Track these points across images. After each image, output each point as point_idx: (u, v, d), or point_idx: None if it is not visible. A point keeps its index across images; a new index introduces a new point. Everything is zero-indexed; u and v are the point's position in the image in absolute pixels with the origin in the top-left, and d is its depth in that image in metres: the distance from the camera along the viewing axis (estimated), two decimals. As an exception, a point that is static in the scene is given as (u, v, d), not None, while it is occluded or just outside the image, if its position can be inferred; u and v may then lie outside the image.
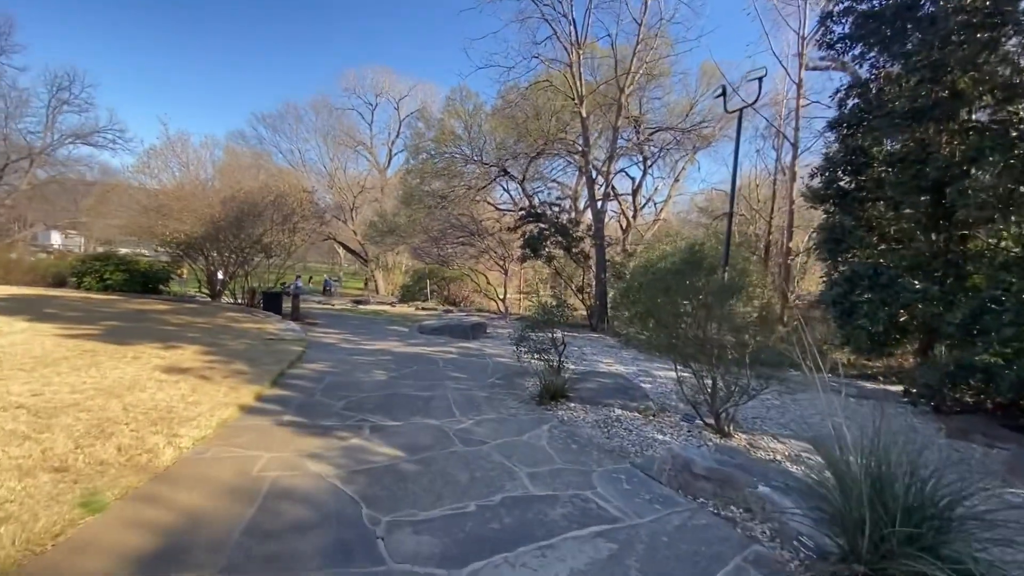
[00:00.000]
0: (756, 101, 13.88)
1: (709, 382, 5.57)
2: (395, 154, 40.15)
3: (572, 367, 8.77)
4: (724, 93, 13.15)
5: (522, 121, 20.09)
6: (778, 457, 4.99)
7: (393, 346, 10.30)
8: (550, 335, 8.10)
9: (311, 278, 36.08)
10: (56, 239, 41.11)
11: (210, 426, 4.65)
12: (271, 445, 4.36)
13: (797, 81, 16.29)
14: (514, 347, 8.49)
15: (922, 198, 8.86)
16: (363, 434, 4.84)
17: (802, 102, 16.51)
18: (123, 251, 18.57)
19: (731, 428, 5.53)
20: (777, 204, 26.65)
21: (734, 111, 13.39)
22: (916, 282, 8.57)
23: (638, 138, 23.19)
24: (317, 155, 37.54)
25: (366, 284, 39.22)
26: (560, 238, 14.28)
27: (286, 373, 7.16)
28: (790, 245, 16.38)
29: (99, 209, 19.15)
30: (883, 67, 9.69)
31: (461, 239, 18.64)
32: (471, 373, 8.10)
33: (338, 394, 6.23)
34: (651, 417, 5.99)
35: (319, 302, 26.15)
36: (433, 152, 21.79)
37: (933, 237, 9.17)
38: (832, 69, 19.41)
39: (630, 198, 26.96)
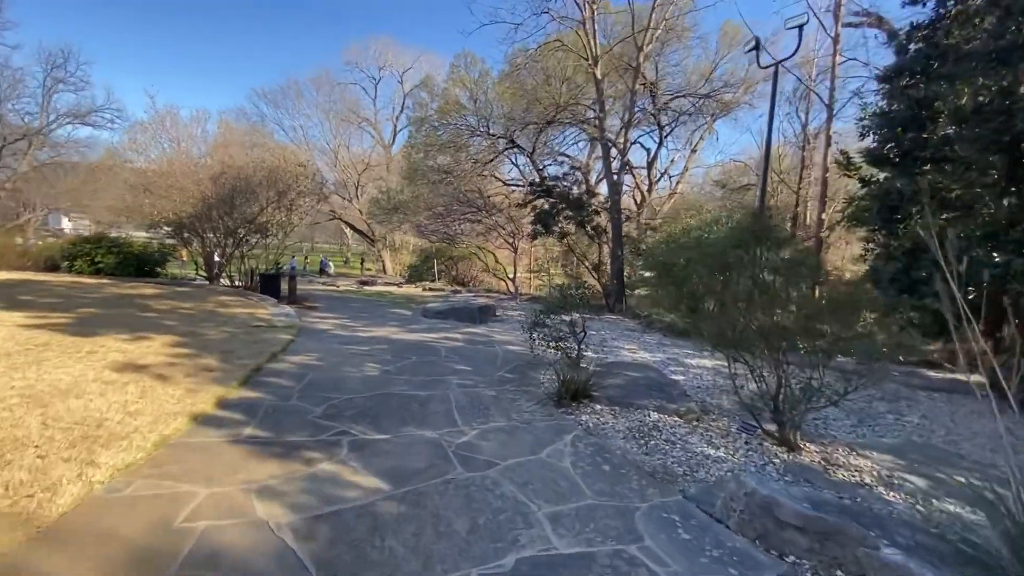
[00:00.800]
0: (796, 53, 12.44)
1: (772, 381, 4.45)
2: (400, 130, 38.76)
3: (592, 356, 7.71)
4: (757, 46, 11.72)
5: (531, 88, 18.71)
6: (865, 478, 3.89)
7: (392, 332, 9.27)
8: (568, 321, 7.01)
9: (307, 258, 34.99)
10: (66, 223, 40.52)
11: (144, 447, 3.65)
12: (215, 474, 3.35)
13: (834, 35, 14.69)
14: (526, 333, 7.46)
15: (997, 157, 7.54)
16: (339, 454, 3.81)
17: (838, 59, 14.93)
18: (115, 233, 17.63)
19: (797, 437, 4.43)
20: (804, 173, 25.05)
21: (769, 66, 12.00)
22: (995, 255, 7.32)
23: (654, 105, 21.65)
24: (320, 132, 36.31)
25: (362, 263, 38.27)
26: (574, 212, 13.06)
27: (263, 368, 6.16)
28: (823, 216, 15.01)
29: (84, 190, 18.22)
30: (955, 5, 8.26)
31: (468, 215, 17.46)
32: (477, 365, 7.05)
33: (319, 396, 5.21)
34: (695, 423, 4.90)
35: (324, 283, 25.27)
36: (437, 124, 20.47)
37: (1009, 202, 7.87)
38: (868, 26, 17.73)
39: (644, 171, 25.49)
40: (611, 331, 10.82)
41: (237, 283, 15.98)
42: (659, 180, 24.43)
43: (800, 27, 11.00)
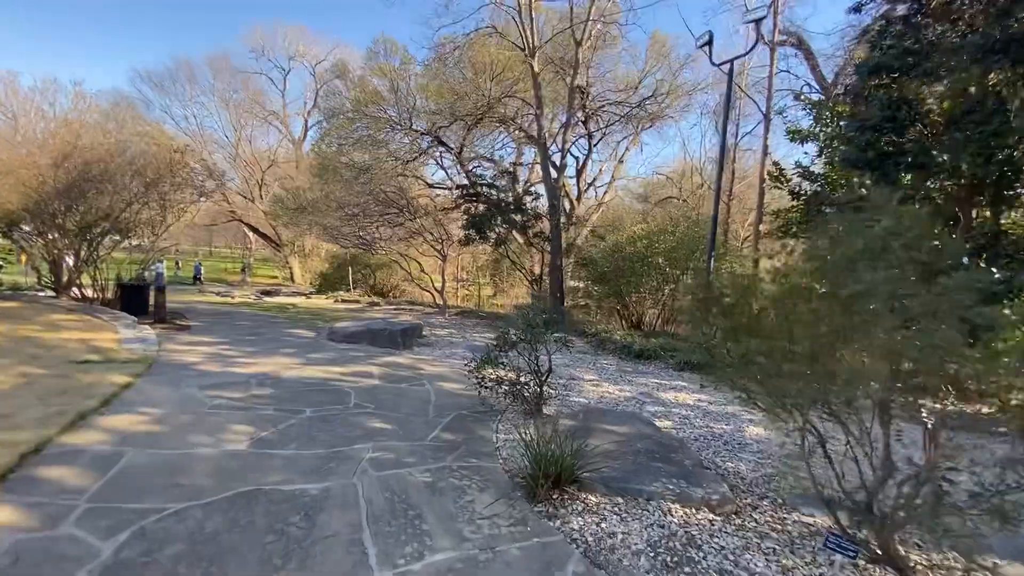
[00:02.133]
0: (755, 47, 11.54)
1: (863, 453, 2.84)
2: (311, 126, 35.18)
3: (553, 393, 5.93)
4: (711, 41, 10.63)
5: (460, 81, 16.80)
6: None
7: (284, 367, 6.92)
8: (530, 357, 5.20)
9: (178, 264, 30.10)
10: None
11: None
12: None
13: (771, 43, 14.25)
14: (466, 368, 5.57)
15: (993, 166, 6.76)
16: None
17: (774, 70, 14.51)
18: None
19: (898, 547, 2.86)
20: (726, 185, 25.17)
21: (724, 63, 10.99)
22: (994, 269, 6.47)
23: (584, 112, 20.58)
24: (217, 123, 31.96)
25: (243, 270, 34.28)
26: (515, 216, 11.34)
27: (49, 446, 3.73)
28: (761, 228, 14.46)
29: None
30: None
31: (388, 217, 15.15)
32: (402, 419, 4.99)
33: (125, 509, 2.95)
34: (748, 531, 3.20)
35: (219, 293, 21.62)
36: (352, 116, 17.93)
37: (998, 211, 7.16)
38: (789, 44, 17.76)
39: (573, 180, 24.47)
40: (561, 354, 9.12)
41: (93, 295, 12.52)
42: (587, 190, 23.41)
43: (758, 21, 10.10)
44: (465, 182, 19.37)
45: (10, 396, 4.69)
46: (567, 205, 23.37)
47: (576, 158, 21.82)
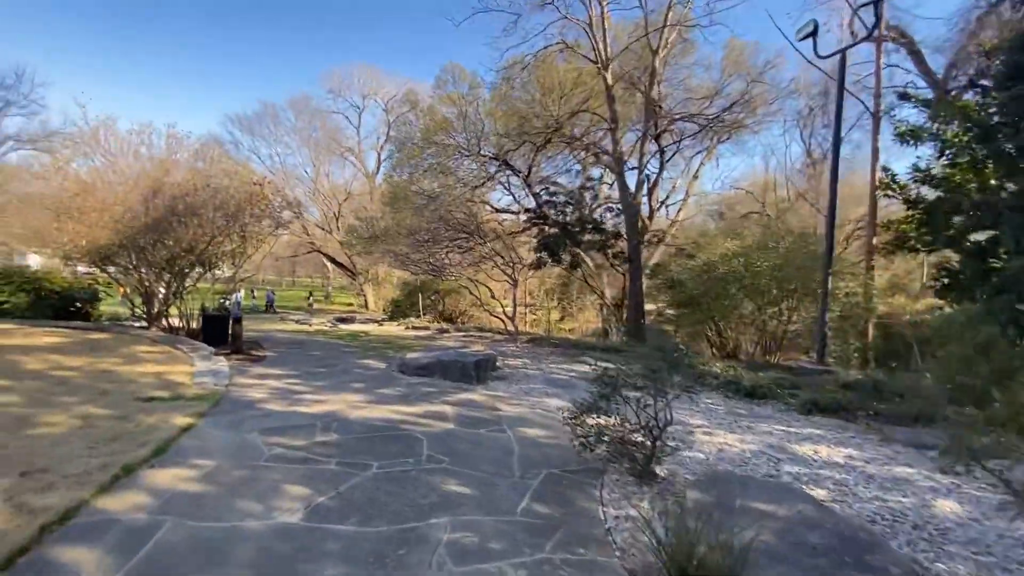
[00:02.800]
0: (872, 33, 10.15)
1: None
2: (384, 160, 36.29)
3: (672, 449, 4.80)
4: (815, 32, 9.30)
5: (527, 102, 16.28)
6: None
7: (351, 404, 6.27)
8: (644, 408, 4.18)
9: (253, 292, 31.12)
10: (34, 259, 36.70)
11: None
12: None
13: (877, 34, 12.55)
14: (562, 417, 4.62)
15: None
16: None
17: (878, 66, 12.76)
18: (33, 264, 14.45)
19: None
20: (816, 196, 22.91)
21: (833, 54, 9.62)
22: None
23: (656, 127, 19.41)
24: (298, 160, 33.66)
25: (309, 296, 35.09)
26: (592, 236, 10.37)
27: (81, 512, 3.14)
28: (874, 242, 12.54)
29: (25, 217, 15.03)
30: None
31: (459, 242, 14.69)
32: (484, 480, 4.08)
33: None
34: None
35: (298, 321, 22.11)
36: (421, 144, 17.87)
37: None
38: (891, 40, 15.78)
39: (644, 198, 23.17)
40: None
41: (180, 325, 12.82)
42: (659, 208, 22.02)
43: (875, 2, 8.71)
44: (532, 205, 18.76)
45: (59, 443, 4.26)
46: (638, 224, 22.09)
47: (647, 176, 20.56)
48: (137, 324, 13.71)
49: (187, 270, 12.34)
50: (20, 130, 26.63)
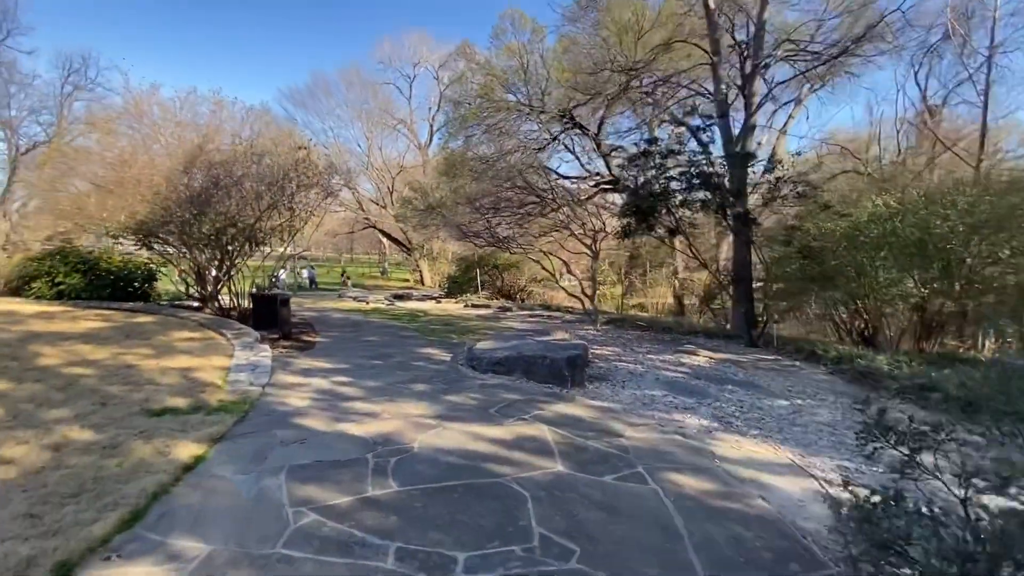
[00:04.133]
0: None
1: None
2: (437, 130, 34.57)
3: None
4: None
5: (599, 45, 13.90)
6: None
7: (413, 422, 4.60)
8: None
9: (295, 270, 29.69)
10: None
11: None
12: None
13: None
14: (690, 419, 2.83)
15: None
16: None
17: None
18: (87, 244, 13.80)
19: None
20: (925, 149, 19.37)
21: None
22: None
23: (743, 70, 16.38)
24: (351, 134, 32.54)
25: (342, 274, 34.03)
26: (704, 194, 8.13)
27: None
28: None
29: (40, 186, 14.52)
30: None
31: (528, 208, 12.80)
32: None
33: None
34: None
35: (355, 298, 21.10)
36: (478, 103, 15.88)
37: None
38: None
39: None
40: (806, 394, 5.79)
41: (233, 305, 11.75)
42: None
43: None
44: (599, 169, 16.48)
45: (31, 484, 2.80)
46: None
47: (748, 126, 17.62)
48: (194, 304, 12.81)
49: (232, 247, 11.13)
50: (89, 113, 26.70)
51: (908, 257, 7.30)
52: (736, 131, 10.53)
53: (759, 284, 10.04)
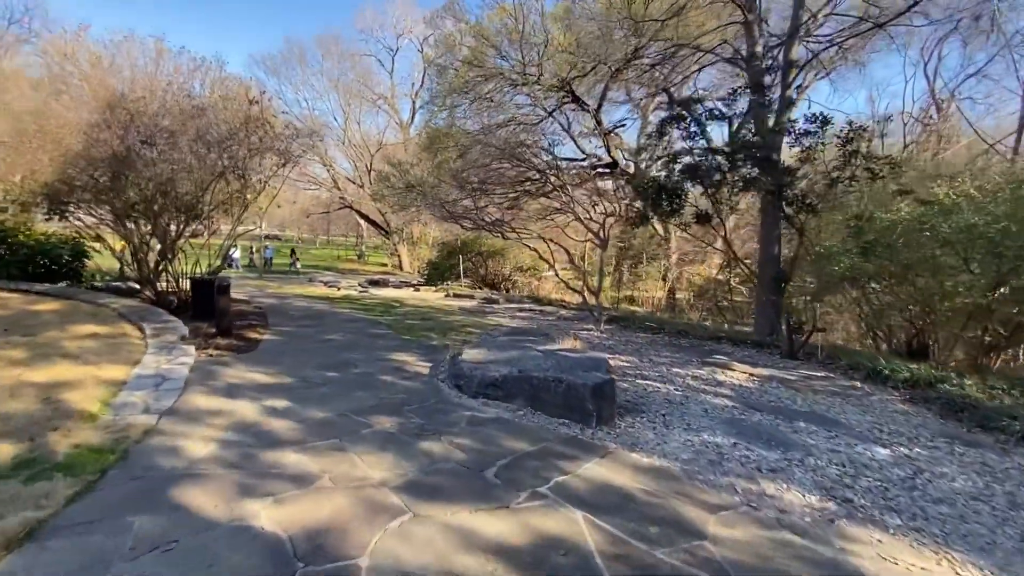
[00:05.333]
0: None
1: None
2: (420, 108, 32.25)
3: None
4: None
5: (605, 4, 12.14)
6: None
7: (365, 496, 2.91)
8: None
9: (253, 249, 26.85)
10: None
11: None
12: None
13: None
14: (790, 494, 2.10)
15: None
16: None
17: None
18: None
19: None
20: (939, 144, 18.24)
21: None
22: None
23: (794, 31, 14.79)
24: (327, 106, 30.05)
25: (291, 255, 32.08)
26: (751, 171, 6.47)
27: None
28: None
29: None
30: None
31: (526, 186, 11.04)
32: None
33: None
34: None
35: (327, 284, 19.12)
36: (465, 71, 13.95)
37: None
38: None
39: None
40: (903, 436, 4.25)
41: (166, 290, 9.73)
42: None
43: None
44: (599, 153, 14.81)
45: None
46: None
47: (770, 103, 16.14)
48: (133, 288, 10.71)
49: (166, 220, 9.10)
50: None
51: (993, 256, 5.84)
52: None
53: (797, 285, 8.55)
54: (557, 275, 11.89)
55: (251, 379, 5.18)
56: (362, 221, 36.90)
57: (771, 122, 8.34)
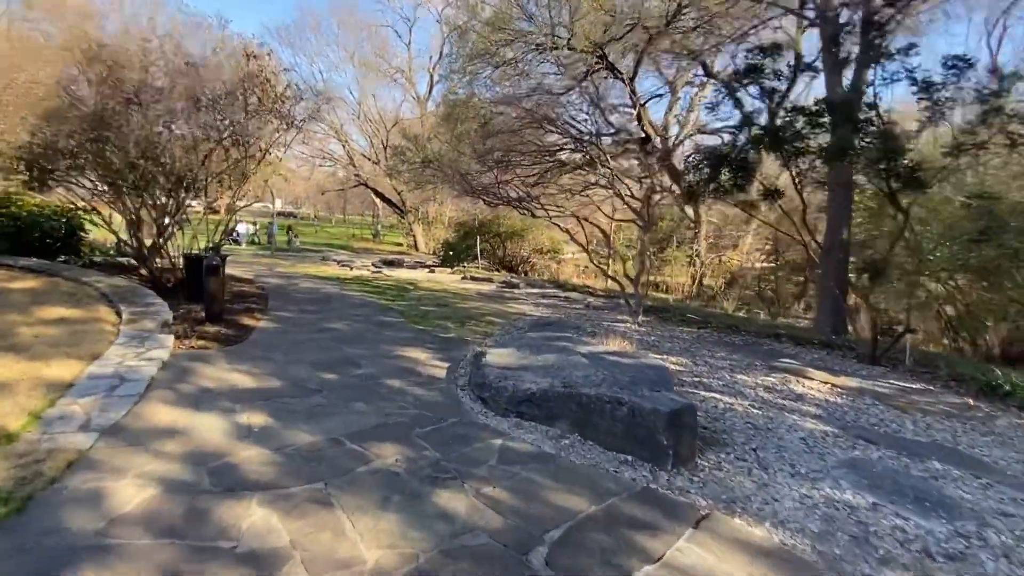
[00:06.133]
0: None
1: None
2: (437, 82, 30.83)
3: None
4: None
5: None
6: None
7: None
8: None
9: (255, 225, 24.80)
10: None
11: None
12: None
13: None
14: None
15: None
16: None
17: None
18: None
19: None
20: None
21: None
22: None
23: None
24: (342, 80, 28.87)
25: (288, 234, 31.14)
26: (852, 135, 5.20)
27: None
28: None
29: None
30: None
31: (561, 155, 9.89)
32: None
33: None
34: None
35: (340, 263, 18.19)
36: (488, 32, 12.66)
37: None
38: None
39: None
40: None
41: (163, 268, 8.84)
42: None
43: None
44: (632, 127, 13.48)
45: None
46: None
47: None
48: (132, 264, 9.86)
49: (162, 193, 8.15)
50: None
51: None
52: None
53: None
54: (592, 260, 10.69)
55: (230, 381, 4.21)
56: (377, 200, 35.89)
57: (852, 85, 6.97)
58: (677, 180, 13.74)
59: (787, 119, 5.56)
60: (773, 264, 16.62)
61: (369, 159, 30.64)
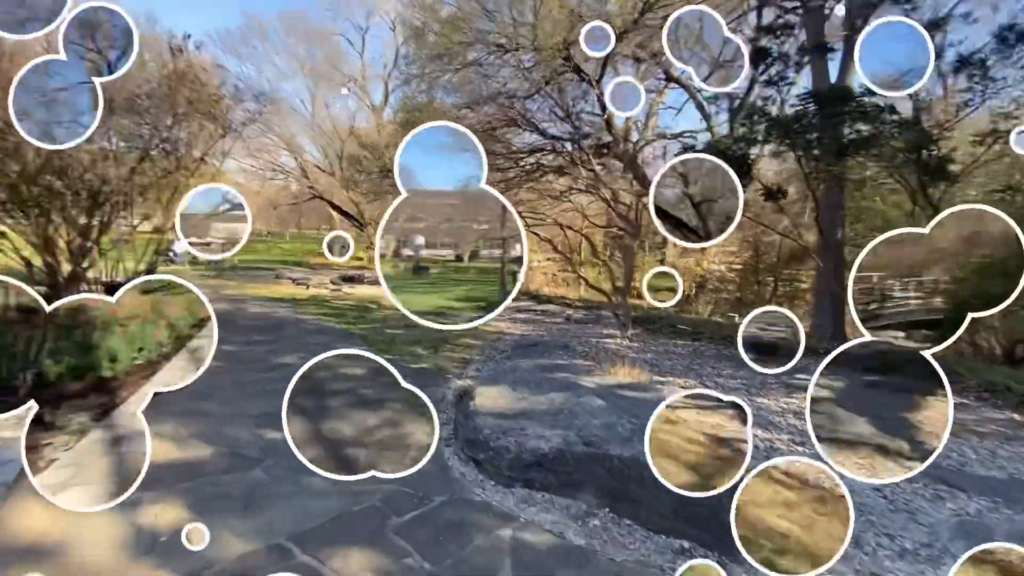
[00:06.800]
0: None
1: None
2: (393, 90, 29.74)
3: None
4: None
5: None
6: None
7: None
8: None
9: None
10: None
11: None
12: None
13: None
14: None
15: None
16: None
17: None
18: None
19: None
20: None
21: None
22: None
23: None
24: (292, 88, 27.36)
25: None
26: (875, 127, 4.55)
27: None
28: None
29: None
30: None
31: (539, 155, 9.17)
32: None
33: None
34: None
35: (295, 281, 16.88)
36: (445, 31, 11.97)
37: None
38: None
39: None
40: None
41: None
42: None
43: None
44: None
45: None
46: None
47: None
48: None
49: (76, 211, 6.90)
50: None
51: None
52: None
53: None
54: (583, 279, 9.98)
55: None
56: (335, 213, 34.31)
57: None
58: (644, 184, 13.33)
59: (801, 106, 5.02)
60: (752, 265, 16.47)
61: (324, 171, 29.20)
